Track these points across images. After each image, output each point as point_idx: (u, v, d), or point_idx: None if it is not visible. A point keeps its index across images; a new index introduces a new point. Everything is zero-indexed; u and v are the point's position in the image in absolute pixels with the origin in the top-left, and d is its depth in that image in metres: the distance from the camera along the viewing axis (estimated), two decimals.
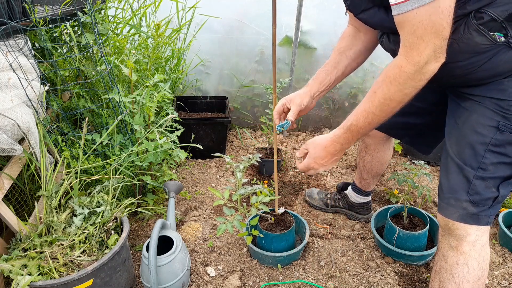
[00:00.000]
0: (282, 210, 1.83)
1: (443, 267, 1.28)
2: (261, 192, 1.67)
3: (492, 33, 1.03)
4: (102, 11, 2.00)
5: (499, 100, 1.10)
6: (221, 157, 2.24)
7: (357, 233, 2.02)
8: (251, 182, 2.48)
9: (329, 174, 2.63)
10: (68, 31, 1.62)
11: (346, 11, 1.33)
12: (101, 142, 1.73)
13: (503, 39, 1.03)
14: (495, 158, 1.13)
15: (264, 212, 1.83)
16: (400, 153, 2.93)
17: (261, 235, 1.73)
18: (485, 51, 1.07)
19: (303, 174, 2.60)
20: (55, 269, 1.30)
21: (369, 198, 2.07)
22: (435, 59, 1.01)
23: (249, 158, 1.70)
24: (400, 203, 1.97)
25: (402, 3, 0.95)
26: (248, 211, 1.66)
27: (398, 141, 2.62)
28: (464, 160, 1.17)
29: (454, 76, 1.16)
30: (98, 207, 1.52)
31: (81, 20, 1.69)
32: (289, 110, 1.45)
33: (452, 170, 1.21)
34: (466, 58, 1.10)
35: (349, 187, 2.11)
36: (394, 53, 1.23)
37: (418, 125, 1.58)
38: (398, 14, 0.98)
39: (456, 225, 1.21)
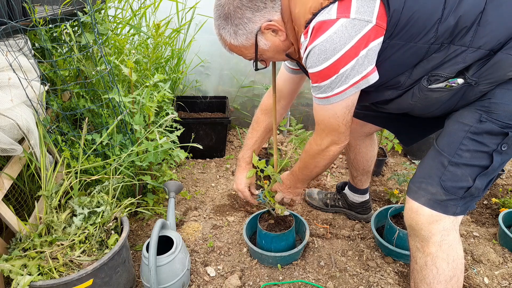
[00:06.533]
0: (287, 212, 1.83)
1: (415, 268, 1.30)
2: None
3: (444, 85, 1.14)
4: (102, 11, 2.00)
5: (481, 101, 1.16)
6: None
7: (357, 233, 2.02)
8: None
9: (329, 173, 2.63)
10: (68, 31, 1.62)
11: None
12: (101, 142, 1.73)
13: (460, 81, 1.13)
14: (473, 145, 1.15)
15: (262, 214, 1.83)
16: (400, 153, 2.93)
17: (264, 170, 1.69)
18: (451, 97, 1.18)
19: None
20: (55, 269, 1.30)
21: (367, 196, 2.07)
22: (335, 145, 1.28)
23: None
24: (400, 203, 1.97)
25: (314, 98, 1.21)
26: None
27: (398, 141, 2.62)
28: (442, 147, 1.21)
29: (442, 114, 1.30)
30: (98, 207, 1.52)
31: (81, 20, 1.69)
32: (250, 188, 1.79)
33: (430, 156, 1.25)
34: (438, 107, 1.25)
35: (346, 187, 2.12)
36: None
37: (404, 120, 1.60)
38: (314, 103, 1.23)
39: (419, 225, 1.22)
